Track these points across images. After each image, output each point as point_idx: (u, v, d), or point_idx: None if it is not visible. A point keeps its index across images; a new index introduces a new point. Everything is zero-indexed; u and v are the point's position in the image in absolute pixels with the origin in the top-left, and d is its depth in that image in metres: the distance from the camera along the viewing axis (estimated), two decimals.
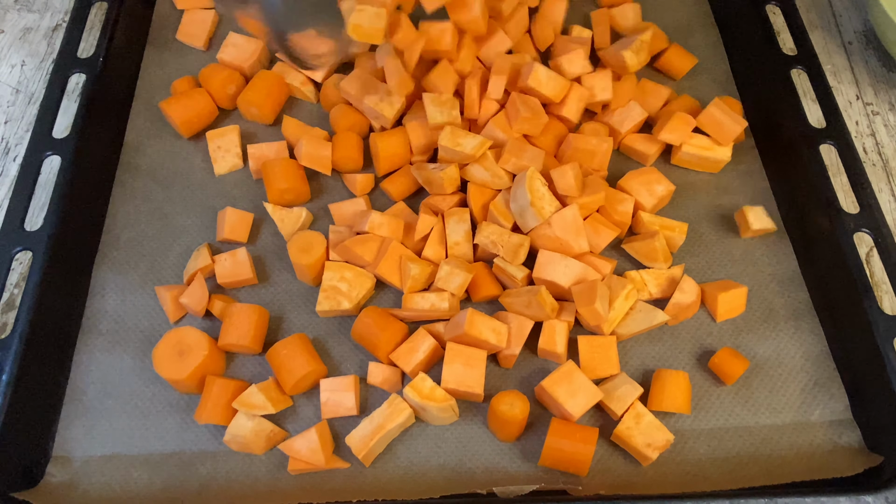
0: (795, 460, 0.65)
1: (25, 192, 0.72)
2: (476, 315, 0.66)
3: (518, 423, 0.64)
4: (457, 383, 0.65)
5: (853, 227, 0.71)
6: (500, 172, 0.74)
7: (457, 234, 0.73)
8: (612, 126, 0.80)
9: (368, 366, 0.68)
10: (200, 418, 0.65)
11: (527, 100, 0.76)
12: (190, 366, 0.66)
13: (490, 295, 0.71)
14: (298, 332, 0.70)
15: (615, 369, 0.68)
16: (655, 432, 0.63)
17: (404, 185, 0.78)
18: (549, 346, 0.67)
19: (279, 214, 0.76)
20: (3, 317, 0.73)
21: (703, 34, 0.93)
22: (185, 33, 0.90)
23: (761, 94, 0.84)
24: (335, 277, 0.71)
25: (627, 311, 0.70)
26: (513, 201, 0.71)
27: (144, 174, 0.81)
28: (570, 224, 0.70)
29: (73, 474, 0.65)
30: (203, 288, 0.71)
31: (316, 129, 0.81)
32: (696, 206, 0.79)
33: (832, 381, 0.69)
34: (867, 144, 0.87)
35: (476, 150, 0.73)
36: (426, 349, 0.67)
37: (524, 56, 0.82)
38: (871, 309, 0.66)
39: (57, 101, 0.78)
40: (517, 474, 0.65)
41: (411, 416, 0.65)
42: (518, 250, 0.70)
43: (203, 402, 0.66)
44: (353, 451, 0.63)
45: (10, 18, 0.96)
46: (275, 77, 0.83)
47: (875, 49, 0.95)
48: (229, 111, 0.86)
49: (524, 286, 0.70)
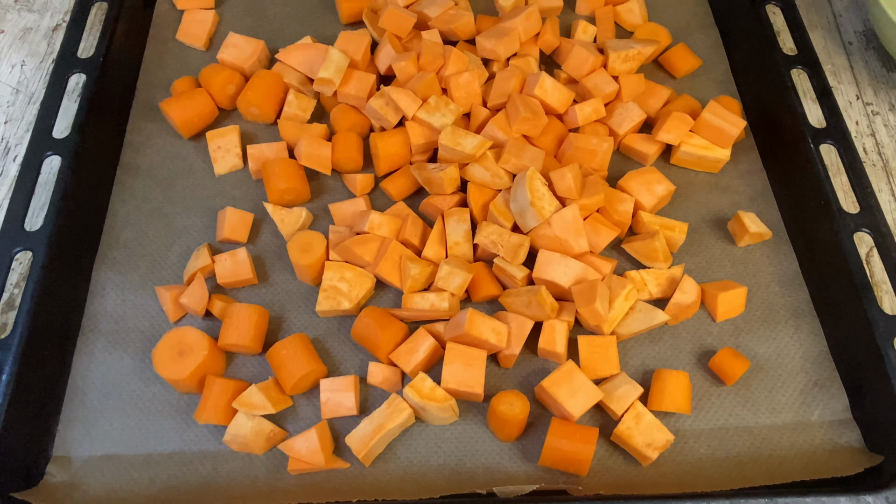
0: (795, 460, 0.65)
1: (25, 192, 0.72)
2: (476, 315, 0.66)
3: (518, 423, 0.64)
4: (457, 383, 0.65)
5: (853, 227, 0.71)
6: (499, 172, 0.74)
7: (457, 234, 0.73)
8: (611, 127, 0.81)
9: (368, 366, 0.68)
10: (200, 418, 0.65)
11: (527, 100, 0.76)
12: (190, 366, 0.66)
13: (490, 295, 0.71)
14: (298, 332, 0.70)
15: (615, 369, 0.68)
16: (655, 432, 0.63)
17: (404, 185, 0.78)
18: (550, 345, 0.67)
19: (279, 214, 0.76)
20: (3, 317, 0.73)
21: (703, 34, 0.93)
22: (185, 33, 0.90)
23: (761, 94, 0.84)
24: (335, 277, 0.71)
25: (627, 311, 0.70)
26: (513, 201, 0.71)
27: (144, 174, 0.81)
28: (569, 224, 0.70)
29: (73, 474, 0.65)
30: (203, 288, 0.71)
31: (314, 126, 0.81)
32: (696, 206, 0.79)
33: (832, 381, 0.69)
34: (867, 144, 0.87)
35: (476, 149, 0.73)
36: (426, 349, 0.67)
37: (528, 60, 0.83)
38: (871, 309, 0.66)
39: (57, 101, 0.78)
40: (517, 474, 0.65)
41: (411, 416, 0.65)
42: (518, 250, 0.70)
43: (203, 402, 0.66)
44: (353, 450, 0.63)
45: (10, 18, 0.96)
46: (274, 77, 0.83)
47: (875, 49, 0.95)
48: (229, 111, 0.86)
49: (524, 286, 0.70)
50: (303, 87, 0.85)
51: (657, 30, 0.90)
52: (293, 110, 0.83)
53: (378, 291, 0.74)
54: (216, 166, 0.81)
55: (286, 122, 0.81)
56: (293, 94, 0.83)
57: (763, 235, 0.76)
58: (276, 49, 0.86)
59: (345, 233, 0.74)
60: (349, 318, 0.72)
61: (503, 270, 0.70)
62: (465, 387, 0.65)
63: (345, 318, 0.72)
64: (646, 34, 0.90)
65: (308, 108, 0.83)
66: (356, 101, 0.81)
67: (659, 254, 0.73)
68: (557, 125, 0.80)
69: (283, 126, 0.81)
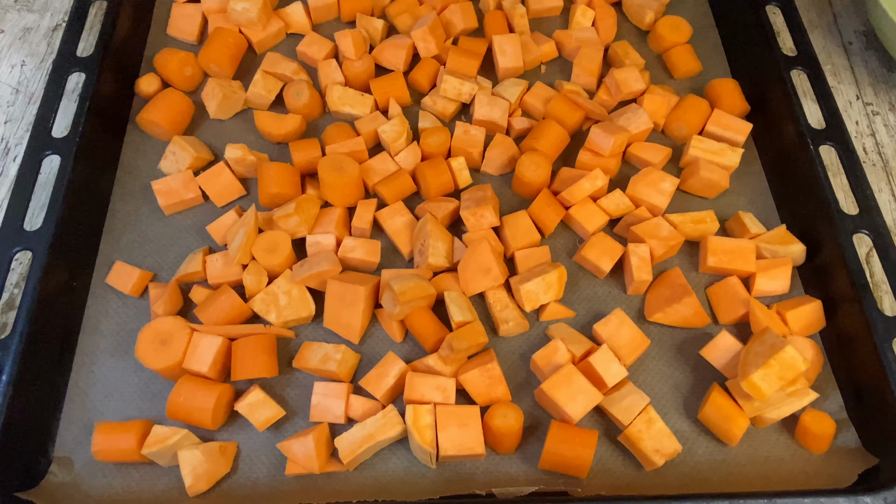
0: (793, 462, 0.65)
1: (25, 192, 0.72)
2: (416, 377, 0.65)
3: (515, 435, 0.63)
4: (456, 449, 0.63)
5: (853, 228, 0.71)
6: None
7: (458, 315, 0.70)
8: (622, 125, 0.80)
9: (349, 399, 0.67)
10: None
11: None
12: (177, 351, 0.66)
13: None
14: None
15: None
16: (665, 439, 0.63)
17: (399, 188, 0.78)
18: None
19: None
20: (3, 317, 0.73)
21: (703, 34, 0.93)
22: (175, 27, 0.91)
23: (761, 94, 0.84)
24: (283, 287, 0.70)
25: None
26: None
27: (144, 174, 0.81)
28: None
29: (74, 474, 0.65)
30: (176, 294, 0.71)
31: (308, 141, 0.80)
32: (696, 205, 0.79)
33: (829, 381, 0.69)
34: (867, 144, 0.87)
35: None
36: (396, 374, 0.66)
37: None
38: (870, 309, 0.66)
39: (56, 100, 0.78)
40: (517, 475, 0.65)
41: (404, 432, 0.65)
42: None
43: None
44: (340, 454, 0.63)
45: (10, 18, 0.96)
46: (230, 32, 0.86)
47: (875, 49, 0.95)
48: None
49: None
50: (295, 75, 0.85)
51: (678, 23, 0.90)
52: (259, 90, 0.84)
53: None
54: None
55: (261, 114, 0.82)
56: (260, 73, 0.84)
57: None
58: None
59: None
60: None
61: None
62: (465, 450, 0.63)
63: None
64: (667, 28, 0.89)
65: (274, 89, 0.84)
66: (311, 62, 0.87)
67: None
68: (560, 132, 0.80)
69: (258, 116, 0.82)
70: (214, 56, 0.84)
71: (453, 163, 0.78)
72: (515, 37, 0.85)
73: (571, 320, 0.72)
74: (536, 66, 0.89)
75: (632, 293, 0.73)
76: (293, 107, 0.83)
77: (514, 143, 0.80)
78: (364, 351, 0.71)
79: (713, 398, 0.65)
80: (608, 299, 0.73)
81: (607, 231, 0.77)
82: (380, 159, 0.79)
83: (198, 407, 0.64)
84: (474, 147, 0.79)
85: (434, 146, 0.79)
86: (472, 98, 0.83)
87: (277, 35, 0.90)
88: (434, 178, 0.76)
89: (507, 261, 0.75)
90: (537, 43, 0.88)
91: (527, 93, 0.84)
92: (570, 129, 0.81)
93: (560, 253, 0.76)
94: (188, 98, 0.83)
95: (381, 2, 0.91)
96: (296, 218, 0.73)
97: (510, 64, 0.85)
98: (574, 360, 0.67)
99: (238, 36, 0.87)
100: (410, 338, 0.71)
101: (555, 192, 0.77)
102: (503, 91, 0.83)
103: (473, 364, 0.67)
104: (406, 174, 0.78)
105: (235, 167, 0.78)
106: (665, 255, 0.74)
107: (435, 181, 0.76)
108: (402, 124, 0.80)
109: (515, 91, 0.83)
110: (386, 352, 0.69)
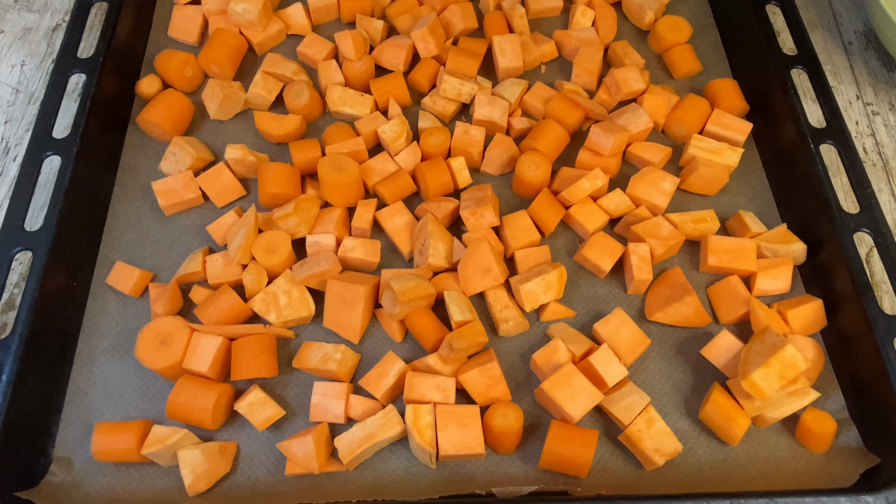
0: (794, 461, 0.65)
1: (25, 192, 0.72)
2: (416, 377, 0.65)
3: (515, 434, 0.63)
4: (456, 448, 0.63)
5: (853, 227, 0.70)
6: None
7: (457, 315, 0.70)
8: (622, 125, 0.80)
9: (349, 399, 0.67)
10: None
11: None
12: (177, 351, 0.66)
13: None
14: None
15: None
16: (665, 439, 0.63)
17: (399, 188, 0.78)
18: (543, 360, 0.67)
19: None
20: (3, 317, 0.73)
21: (703, 34, 0.93)
22: (176, 29, 0.91)
23: (762, 93, 0.84)
24: (283, 287, 0.70)
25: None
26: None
27: (145, 175, 0.81)
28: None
29: (74, 474, 0.65)
30: (176, 294, 0.71)
31: (307, 141, 0.80)
32: (696, 205, 0.79)
33: (830, 380, 0.69)
34: (867, 144, 0.87)
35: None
36: (396, 373, 0.66)
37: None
38: (871, 308, 0.66)
39: (57, 101, 0.78)
40: (517, 475, 0.65)
41: (403, 432, 0.65)
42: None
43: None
44: (339, 454, 0.63)
45: (10, 18, 0.96)
46: (230, 33, 0.86)
47: (875, 49, 0.95)
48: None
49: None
50: (295, 76, 0.85)
51: (678, 22, 0.90)
52: (259, 91, 0.83)
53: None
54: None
55: (261, 115, 0.82)
56: (260, 74, 0.84)
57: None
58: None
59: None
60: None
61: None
62: (465, 450, 0.63)
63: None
64: (667, 27, 0.89)
65: (274, 89, 0.84)
66: (311, 62, 0.88)
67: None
68: (561, 132, 0.80)
69: (258, 116, 0.82)
70: (215, 57, 0.85)
71: (453, 163, 0.78)
72: (515, 37, 0.86)
73: (571, 320, 0.72)
74: (536, 66, 0.89)
75: (632, 293, 0.73)
76: (293, 107, 0.83)
77: (514, 143, 0.80)
78: (364, 351, 0.71)
79: (714, 398, 0.65)
80: (608, 299, 0.73)
81: (607, 231, 0.77)
82: (380, 159, 0.79)
83: (197, 407, 0.64)
84: (474, 147, 0.79)
85: (434, 146, 0.79)
86: (472, 98, 0.83)
87: (277, 36, 0.90)
88: (434, 178, 0.76)
89: (507, 260, 0.75)
90: (537, 43, 0.88)
91: (527, 93, 0.84)
92: (570, 128, 0.81)
93: (560, 253, 0.76)
94: (188, 99, 0.83)
95: (381, 2, 0.92)
96: (295, 218, 0.73)
97: (510, 64, 0.85)
98: (574, 360, 0.67)
99: (238, 37, 0.87)
100: (410, 338, 0.71)
101: (555, 191, 0.77)
102: (503, 91, 0.83)
103: (473, 364, 0.67)
104: (406, 174, 0.78)
105: (235, 167, 0.78)
106: (665, 255, 0.74)
107: (435, 181, 0.76)
108: (402, 124, 0.80)
109: (515, 91, 0.83)
110: (386, 351, 0.69)
